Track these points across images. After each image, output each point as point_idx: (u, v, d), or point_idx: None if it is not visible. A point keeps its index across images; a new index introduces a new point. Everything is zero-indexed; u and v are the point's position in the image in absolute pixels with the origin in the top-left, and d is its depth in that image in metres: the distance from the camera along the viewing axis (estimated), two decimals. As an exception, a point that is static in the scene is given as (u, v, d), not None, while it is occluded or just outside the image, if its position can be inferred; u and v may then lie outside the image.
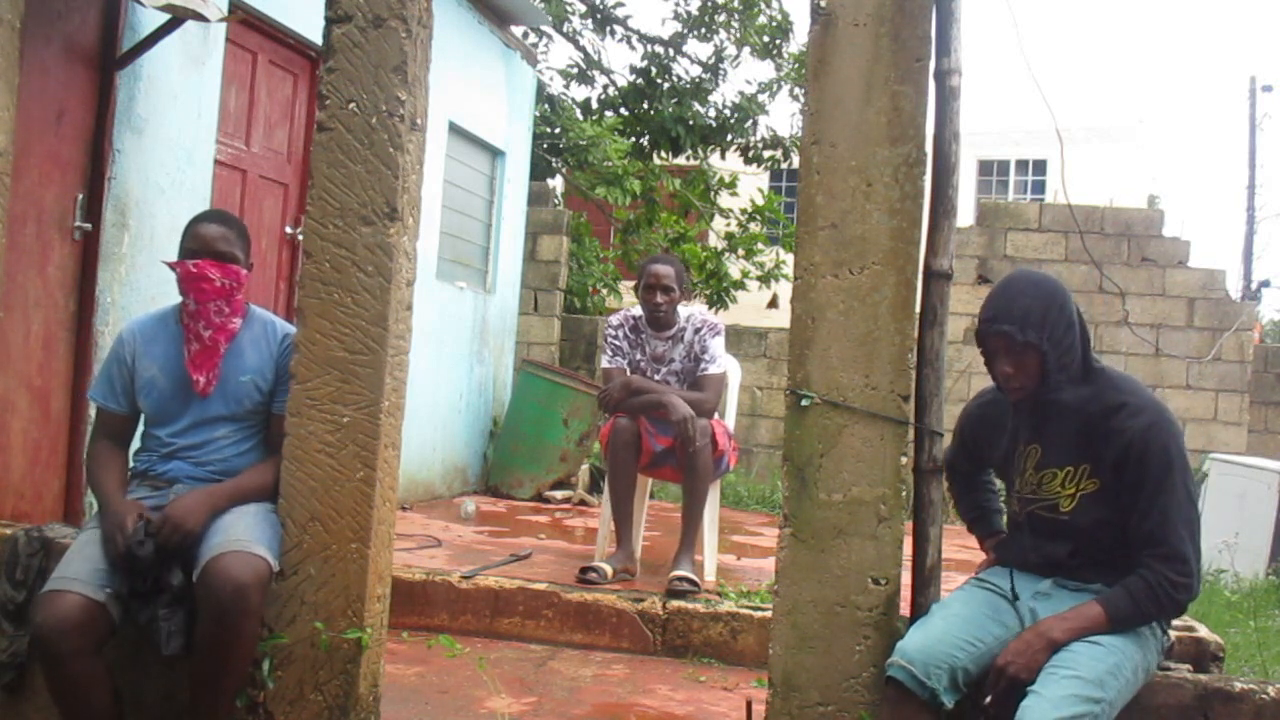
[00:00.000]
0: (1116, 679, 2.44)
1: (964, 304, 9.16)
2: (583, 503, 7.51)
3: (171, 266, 3.00)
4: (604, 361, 5.00)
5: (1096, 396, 2.60)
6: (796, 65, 11.98)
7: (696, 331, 4.92)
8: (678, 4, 12.36)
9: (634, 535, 4.91)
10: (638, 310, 5.01)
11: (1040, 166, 18.28)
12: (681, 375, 4.93)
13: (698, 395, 4.79)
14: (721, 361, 4.93)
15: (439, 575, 4.54)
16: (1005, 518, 3.02)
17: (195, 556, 2.75)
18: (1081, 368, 2.62)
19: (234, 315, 3.04)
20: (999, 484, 3.00)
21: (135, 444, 3.13)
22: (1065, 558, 2.65)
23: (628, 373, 4.92)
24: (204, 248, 2.97)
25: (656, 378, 4.92)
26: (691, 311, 5.01)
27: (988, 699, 2.50)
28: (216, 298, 2.99)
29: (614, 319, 5.02)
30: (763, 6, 12.06)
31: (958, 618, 2.60)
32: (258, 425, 3.07)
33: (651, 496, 5.77)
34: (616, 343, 4.96)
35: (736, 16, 12.06)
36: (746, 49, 12.29)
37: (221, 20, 4.76)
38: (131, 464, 3.09)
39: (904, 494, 2.71)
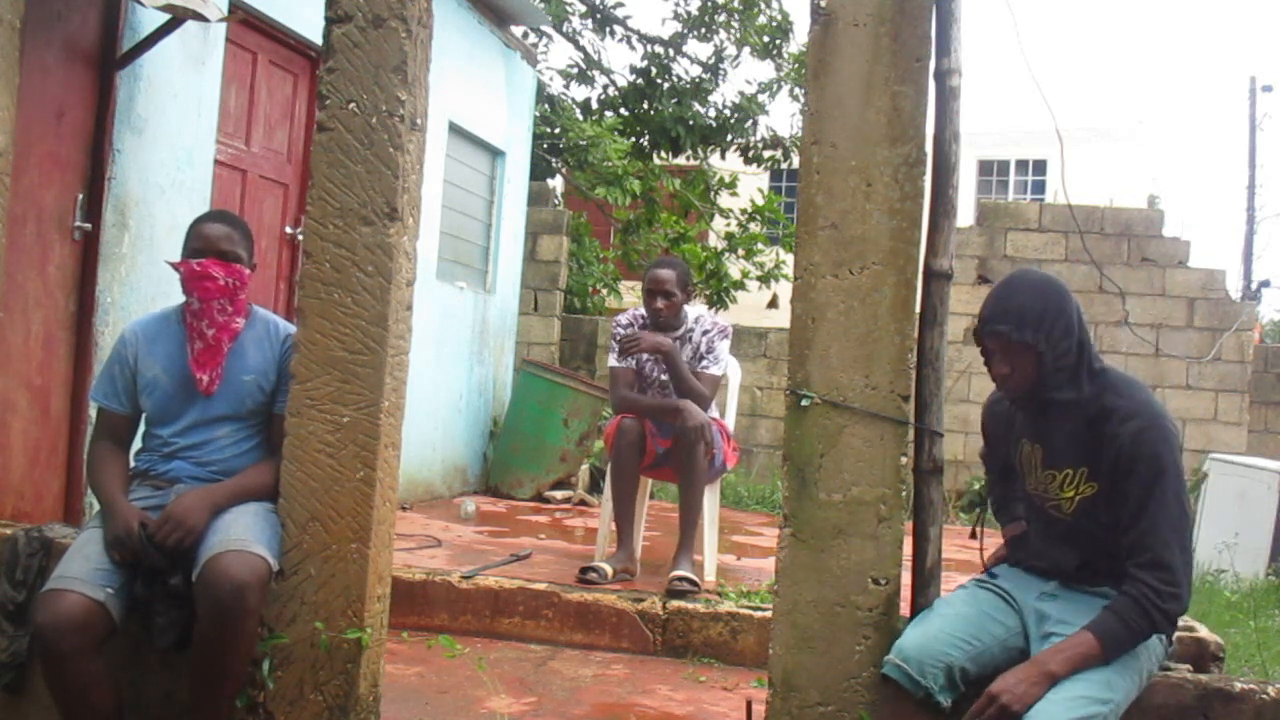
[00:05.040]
0: (1124, 678, 2.44)
1: (964, 304, 9.16)
2: (583, 503, 7.51)
3: (175, 267, 3.01)
4: (611, 360, 4.98)
5: (1095, 399, 2.59)
6: (796, 65, 11.97)
7: (705, 333, 4.92)
8: (678, 4, 12.36)
9: (634, 535, 4.91)
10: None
11: (1040, 166, 18.28)
12: None
13: (695, 384, 4.79)
14: (723, 364, 4.93)
15: (439, 575, 4.54)
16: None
17: (195, 556, 2.75)
18: (1084, 369, 2.59)
19: (237, 314, 3.04)
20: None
21: (136, 444, 3.13)
22: (1073, 570, 2.64)
23: (635, 373, 4.93)
24: (208, 247, 2.98)
25: (664, 377, 4.92)
26: (701, 313, 5.01)
27: None
28: (220, 296, 3.00)
29: (622, 318, 5.01)
30: (763, 6, 12.05)
31: (956, 616, 2.60)
32: (259, 425, 3.07)
33: (651, 497, 5.77)
34: None
35: (736, 16, 12.05)
36: (746, 49, 12.28)
37: (221, 20, 4.76)
38: (132, 464, 3.09)
39: (904, 494, 2.71)
